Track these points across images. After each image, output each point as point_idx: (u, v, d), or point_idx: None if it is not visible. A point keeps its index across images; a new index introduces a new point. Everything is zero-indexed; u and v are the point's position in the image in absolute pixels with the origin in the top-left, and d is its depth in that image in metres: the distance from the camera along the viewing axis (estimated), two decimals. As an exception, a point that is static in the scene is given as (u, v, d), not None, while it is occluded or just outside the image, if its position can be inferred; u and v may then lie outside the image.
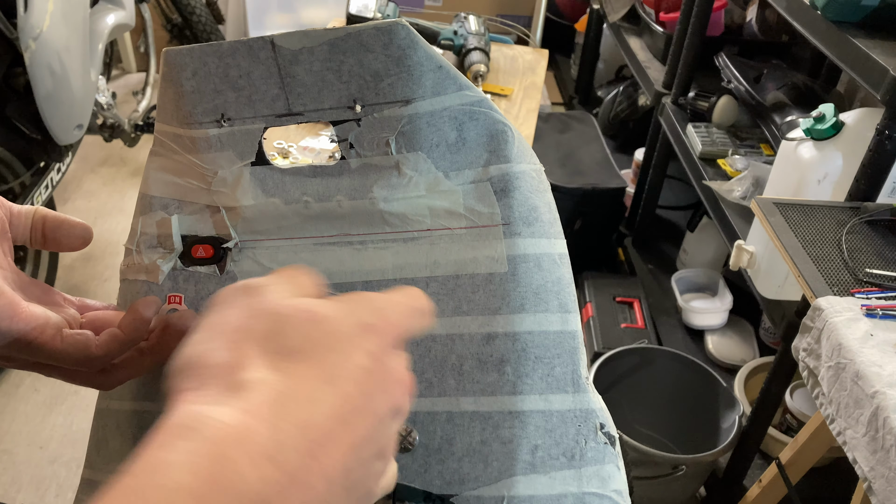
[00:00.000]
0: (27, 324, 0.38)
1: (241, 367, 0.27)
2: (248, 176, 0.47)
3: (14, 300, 0.38)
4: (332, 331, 0.29)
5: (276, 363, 0.28)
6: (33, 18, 1.45)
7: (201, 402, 0.26)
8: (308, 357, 0.28)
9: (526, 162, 0.47)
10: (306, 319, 0.29)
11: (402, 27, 0.43)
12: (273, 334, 0.29)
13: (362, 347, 0.29)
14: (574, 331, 0.45)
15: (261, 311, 0.29)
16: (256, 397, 0.26)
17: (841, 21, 1.10)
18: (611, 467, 0.44)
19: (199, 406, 0.26)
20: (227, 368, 0.27)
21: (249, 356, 0.28)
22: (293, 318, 0.29)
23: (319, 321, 0.29)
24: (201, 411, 0.25)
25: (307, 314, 0.29)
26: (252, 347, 0.28)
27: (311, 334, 0.29)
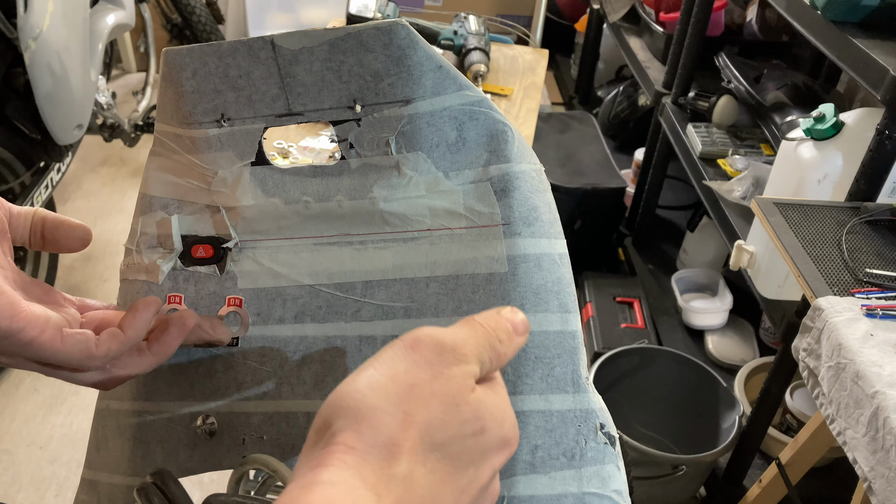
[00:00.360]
0: (27, 323, 0.38)
1: (401, 451, 0.28)
2: (248, 176, 0.47)
3: (14, 299, 0.38)
4: (484, 447, 0.30)
5: (427, 459, 0.29)
6: (33, 18, 1.45)
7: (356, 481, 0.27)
8: (456, 464, 0.29)
9: (526, 162, 0.47)
10: (473, 431, 0.30)
11: (402, 27, 0.43)
12: (440, 428, 0.29)
13: (492, 465, 0.31)
14: (574, 331, 0.45)
15: (443, 395, 0.30)
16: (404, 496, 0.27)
17: (841, 21, 1.10)
18: (611, 467, 0.44)
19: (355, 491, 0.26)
20: (390, 446, 0.28)
21: (412, 441, 0.28)
22: (466, 425, 0.30)
23: (481, 433, 0.30)
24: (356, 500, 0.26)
25: (477, 424, 0.30)
26: (417, 433, 0.29)
27: (469, 445, 0.30)
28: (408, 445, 0.28)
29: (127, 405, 0.50)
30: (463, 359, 0.31)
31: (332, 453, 0.27)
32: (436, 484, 0.28)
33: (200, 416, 0.48)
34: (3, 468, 1.58)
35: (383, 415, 0.28)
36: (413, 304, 0.46)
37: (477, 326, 0.33)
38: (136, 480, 0.49)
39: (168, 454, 0.48)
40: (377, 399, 0.28)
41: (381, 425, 0.28)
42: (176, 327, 0.44)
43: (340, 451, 0.27)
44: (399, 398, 0.29)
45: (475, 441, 0.30)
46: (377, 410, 0.28)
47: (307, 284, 0.47)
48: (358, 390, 0.29)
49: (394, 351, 0.30)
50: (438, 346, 0.31)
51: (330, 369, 0.46)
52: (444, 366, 0.30)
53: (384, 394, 0.29)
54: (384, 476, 0.27)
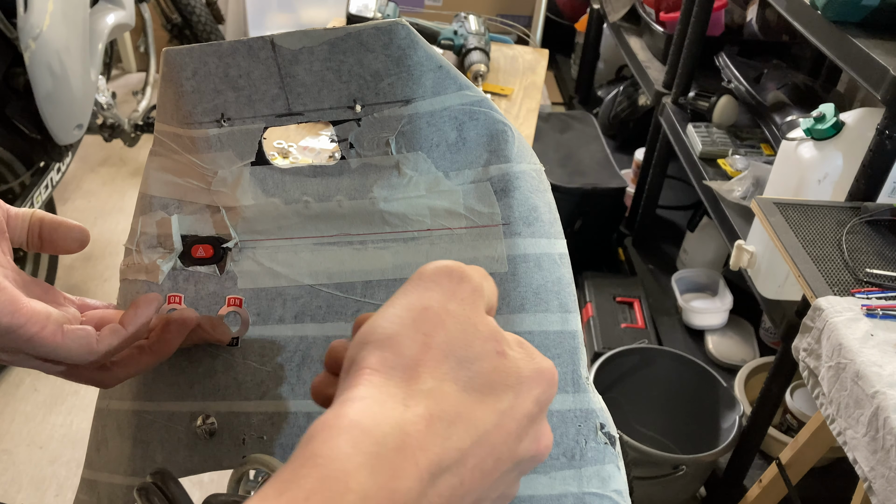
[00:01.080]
0: (28, 319, 0.38)
1: (425, 368, 0.29)
2: (248, 176, 0.47)
3: (15, 296, 0.38)
4: (516, 370, 0.30)
5: (460, 378, 0.29)
6: (33, 18, 1.45)
7: (383, 395, 0.28)
8: (486, 382, 0.30)
9: (526, 162, 0.47)
10: (494, 350, 0.30)
11: (402, 27, 0.43)
12: (465, 346, 0.30)
13: (533, 394, 0.31)
14: (574, 331, 0.45)
15: (459, 315, 0.30)
16: (434, 410, 0.28)
17: (841, 21, 1.10)
18: (611, 467, 0.44)
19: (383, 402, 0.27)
20: (412, 365, 0.29)
21: (436, 359, 0.29)
22: (487, 342, 0.30)
23: (504, 356, 0.30)
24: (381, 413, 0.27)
25: (496, 344, 0.30)
26: (440, 350, 0.29)
27: (499, 367, 0.30)
28: (430, 363, 0.29)
29: (127, 405, 0.50)
30: (469, 279, 0.32)
31: (359, 377, 0.28)
32: (470, 402, 0.29)
33: (200, 416, 0.48)
34: (3, 468, 1.58)
35: (402, 339, 0.29)
36: (413, 303, 0.46)
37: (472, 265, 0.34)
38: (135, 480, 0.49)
39: (168, 454, 0.48)
40: (395, 327, 0.30)
41: (402, 348, 0.29)
42: (177, 325, 0.44)
43: (366, 374, 0.28)
44: (415, 322, 0.30)
45: (501, 362, 0.30)
46: (396, 336, 0.29)
47: (307, 284, 0.47)
48: (377, 324, 0.30)
49: (406, 286, 0.32)
50: (445, 270, 0.32)
51: (330, 369, 0.46)
52: (453, 285, 0.31)
53: (400, 321, 0.30)
54: (410, 391, 0.28)
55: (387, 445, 0.26)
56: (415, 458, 0.26)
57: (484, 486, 0.29)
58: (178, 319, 0.44)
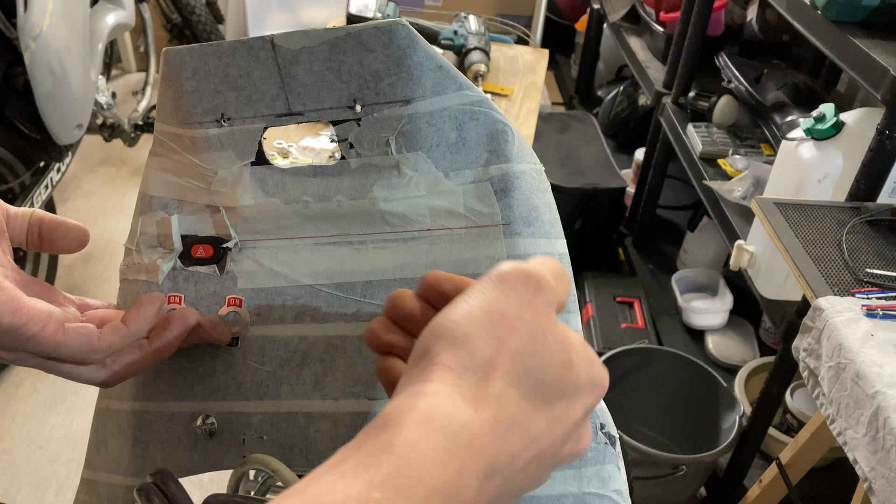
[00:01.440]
0: (30, 318, 0.38)
1: (490, 374, 0.30)
2: (248, 176, 0.47)
3: (16, 295, 0.38)
4: (575, 380, 0.32)
5: (524, 385, 0.30)
6: (33, 18, 1.45)
7: (456, 394, 0.29)
8: (547, 392, 0.31)
9: (526, 162, 0.46)
10: (561, 361, 0.31)
11: (403, 27, 0.43)
12: (530, 355, 0.31)
13: (584, 402, 0.32)
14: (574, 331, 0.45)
15: (532, 323, 0.31)
16: (497, 415, 0.29)
17: (841, 21, 1.10)
18: (611, 467, 0.44)
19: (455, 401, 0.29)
20: (484, 368, 0.30)
21: (504, 365, 0.30)
22: (555, 354, 0.31)
23: (569, 365, 0.32)
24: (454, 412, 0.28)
25: (564, 355, 0.32)
26: (511, 357, 0.30)
27: (559, 375, 0.31)
28: (501, 369, 0.30)
29: (127, 405, 0.50)
30: (546, 288, 0.33)
31: (433, 371, 0.29)
32: (528, 409, 0.30)
33: (200, 416, 0.48)
34: (3, 468, 1.58)
35: (477, 340, 0.30)
36: (413, 304, 0.46)
37: (547, 260, 0.35)
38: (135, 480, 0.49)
39: (168, 454, 0.48)
40: (471, 327, 0.31)
41: (476, 350, 0.30)
42: (177, 324, 0.44)
43: (439, 369, 0.29)
44: (491, 325, 0.31)
45: (565, 372, 0.31)
46: (472, 336, 0.30)
47: (307, 284, 0.47)
48: (453, 320, 0.31)
49: (483, 284, 0.32)
50: (524, 276, 0.32)
51: (330, 369, 0.46)
52: (530, 294, 0.32)
53: (477, 322, 0.31)
54: (480, 393, 0.29)
55: (458, 444, 0.27)
56: (477, 459, 0.28)
57: (525, 483, 0.31)
58: (178, 319, 0.44)
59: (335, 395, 0.46)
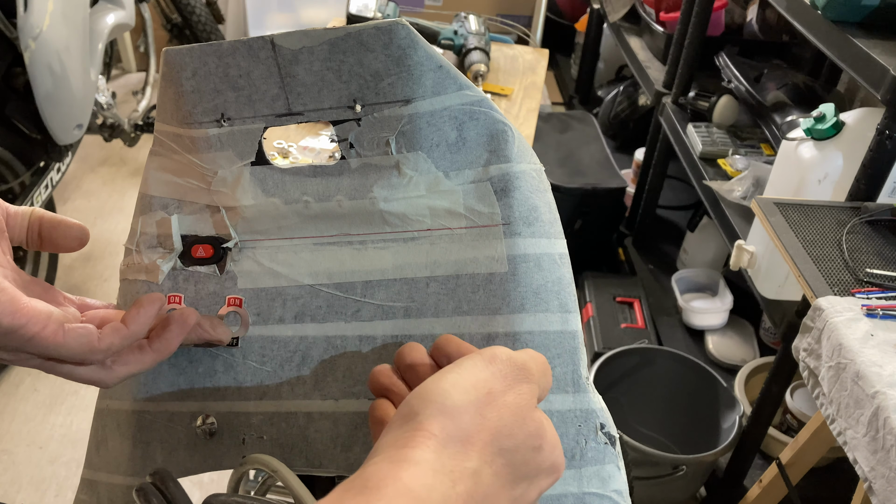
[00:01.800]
0: (29, 319, 0.38)
1: (473, 449, 0.31)
2: (248, 176, 0.47)
3: (15, 296, 0.38)
4: (539, 463, 0.34)
5: (493, 461, 0.32)
6: (33, 18, 1.45)
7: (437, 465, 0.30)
8: (515, 473, 0.33)
9: (526, 162, 0.46)
10: (533, 446, 0.33)
11: (403, 27, 0.43)
12: (507, 436, 0.33)
13: (540, 486, 0.34)
14: (574, 331, 0.45)
15: (514, 407, 0.33)
16: (470, 490, 0.30)
17: (841, 21, 1.10)
18: (611, 467, 0.44)
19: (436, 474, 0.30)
20: (466, 441, 0.31)
21: (484, 441, 0.32)
22: (529, 439, 0.33)
23: (539, 450, 0.34)
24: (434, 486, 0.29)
25: (537, 440, 0.34)
26: (489, 435, 0.32)
27: (528, 458, 0.33)
28: (480, 444, 0.32)
29: (127, 405, 0.50)
30: (531, 378, 0.35)
31: (417, 437, 0.31)
32: (497, 487, 0.32)
33: (200, 416, 0.48)
34: (3, 468, 1.58)
35: (464, 413, 0.32)
36: (413, 303, 0.46)
37: (535, 354, 0.37)
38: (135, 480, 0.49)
39: (168, 454, 0.48)
40: (460, 398, 0.32)
41: (461, 422, 0.32)
42: (177, 324, 0.44)
43: (425, 436, 0.31)
44: (478, 401, 0.32)
45: (533, 456, 0.33)
46: (459, 408, 0.32)
47: (307, 284, 0.47)
48: (444, 389, 0.32)
49: (474, 361, 0.34)
50: (512, 363, 0.35)
51: (330, 369, 0.46)
52: (516, 381, 0.34)
53: (466, 395, 0.32)
54: (458, 466, 0.31)
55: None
56: None
57: None
58: (178, 319, 0.44)
59: (335, 395, 0.46)
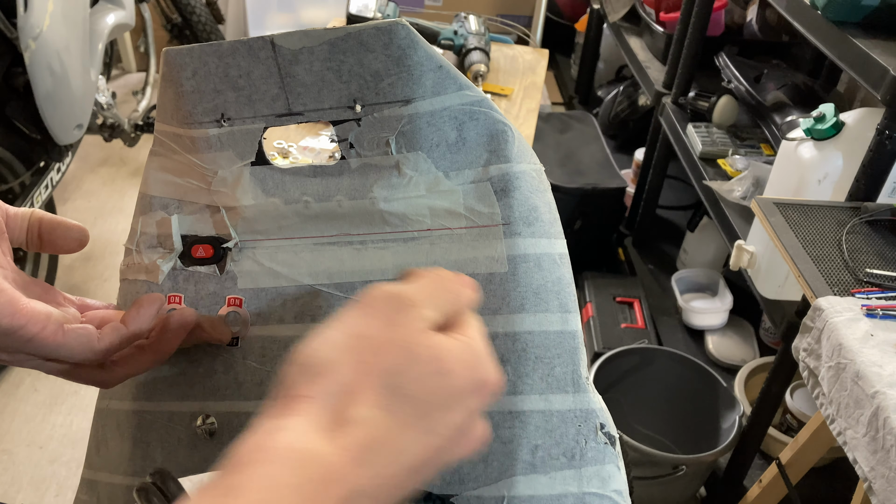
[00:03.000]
0: (29, 319, 0.38)
1: (355, 398, 0.29)
2: (248, 176, 0.47)
3: (15, 297, 0.38)
4: (450, 387, 0.31)
5: (388, 402, 0.30)
6: (33, 18, 1.45)
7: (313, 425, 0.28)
8: (419, 406, 0.30)
9: (526, 162, 0.47)
10: (433, 371, 0.31)
11: (403, 27, 0.43)
12: (398, 373, 0.30)
13: (466, 405, 0.32)
14: (574, 331, 0.45)
15: (396, 343, 0.31)
16: (357, 438, 0.29)
17: (841, 21, 1.10)
18: (611, 467, 0.44)
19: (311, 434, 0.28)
20: (343, 393, 0.29)
21: (367, 387, 0.30)
22: (426, 366, 0.31)
23: (444, 374, 0.31)
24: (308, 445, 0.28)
25: (436, 365, 0.31)
26: (373, 379, 0.30)
27: (432, 387, 0.31)
28: (365, 391, 0.29)
29: (127, 405, 0.50)
30: (413, 304, 0.32)
31: (290, 403, 0.29)
32: (398, 427, 0.29)
33: (200, 416, 0.48)
34: (3, 468, 1.58)
35: (339, 366, 0.30)
36: (413, 304, 0.46)
37: (427, 274, 0.35)
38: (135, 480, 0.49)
39: (168, 454, 0.48)
40: (331, 352, 0.30)
41: (337, 375, 0.30)
42: (177, 324, 0.44)
43: (298, 401, 0.29)
44: (354, 349, 0.30)
45: (437, 381, 0.31)
46: (332, 362, 0.30)
47: (307, 284, 0.47)
48: (313, 348, 0.30)
49: (349, 310, 0.32)
50: (389, 297, 0.32)
51: (330, 369, 0.46)
52: (396, 313, 0.32)
53: (338, 347, 0.30)
54: (340, 419, 0.29)
55: (310, 479, 0.27)
56: (335, 489, 0.27)
57: (399, 494, 0.30)
58: (178, 319, 0.44)
59: None
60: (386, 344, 0.31)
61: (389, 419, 0.29)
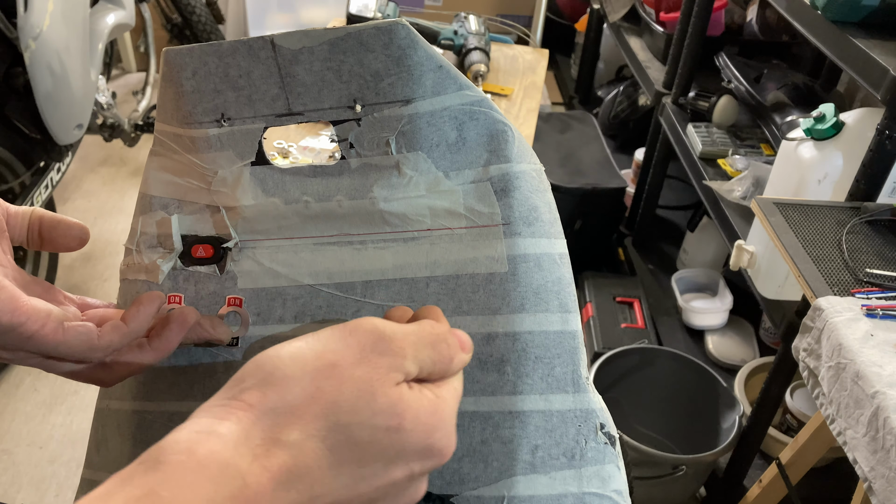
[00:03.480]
0: (29, 317, 0.38)
1: (295, 421, 0.29)
2: (248, 176, 0.47)
3: (15, 294, 0.38)
4: (400, 446, 0.30)
5: (330, 440, 0.29)
6: (33, 18, 1.45)
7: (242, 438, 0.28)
8: (358, 452, 0.29)
9: (526, 162, 0.47)
10: (386, 424, 0.30)
11: (403, 27, 0.43)
12: (349, 412, 0.29)
13: (410, 468, 0.31)
14: (574, 331, 0.45)
15: (360, 381, 0.30)
16: (284, 462, 0.28)
17: (841, 21, 1.10)
18: (611, 467, 0.44)
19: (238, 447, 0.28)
20: (285, 414, 0.29)
21: (311, 415, 0.29)
22: (379, 416, 0.30)
23: (396, 431, 0.30)
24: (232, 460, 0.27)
25: (392, 420, 0.30)
26: (321, 408, 0.29)
27: (381, 440, 0.30)
28: (307, 418, 0.29)
29: (127, 405, 0.50)
30: (396, 352, 0.31)
31: (232, 408, 0.29)
32: (330, 462, 0.29)
33: (200, 416, 0.48)
34: (3, 468, 1.58)
35: (294, 384, 0.29)
36: (413, 303, 0.46)
37: (426, 326, 0.34)
38: (135, 480, 0.49)
39: (168, 454, 0.48)
40: (294, 369, 0.29)
41: (288, 393, 0.29)
42: (177, 323, 0.44)
43: (240, 407, 0.29)
44: (316, 372, 0.29)
45: (388, 436, 0.30)
46: (289, 379, 0.29)
47: (307, 284, 0.47)
48: (280, 357, 0.30)
49: (332, 331, 0.31)
50: (375, 335, 0.31)
51: (330, 369, 0.46)
52: (373, 354, 0.31)
53: (302, 366, 0.30)
54: (270, 440, 0.28)
55: (223, 493, 0.26)
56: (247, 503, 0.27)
57: None
58: (177, 317, 0.44)
59: None
60: (350, 379, 0.30)
61: (322, 453, 0.29)
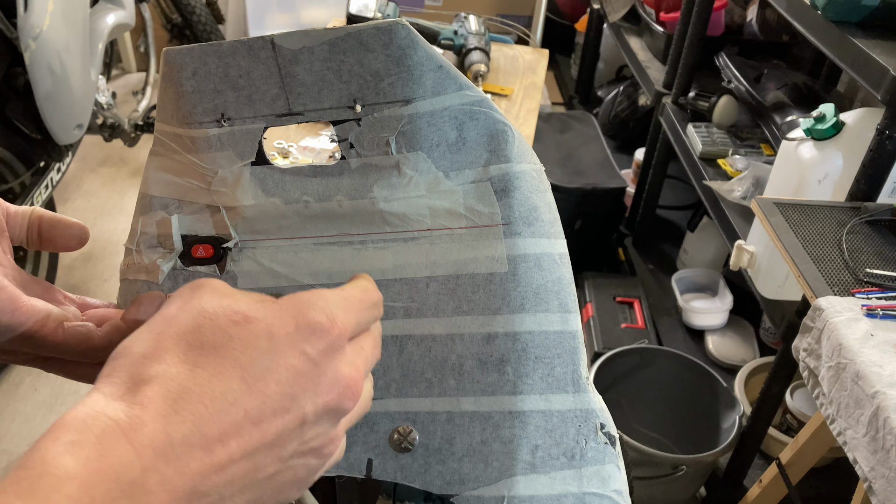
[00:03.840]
0: (28, 317, 0.38)
1: (153, 359, 0.29)
2: (248, 176, 0.47)
3: (15, 294, 0.38)
4: (262, 332, 0.30)
5: (191, 357, 0.29)
6: (33, 18, 1.45)
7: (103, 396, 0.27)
8: (226, 355, 0.29)
9: (526, 162, 0.47)
10: (234, 320, 0.30)
11: (403, 27, 0.43)
12: (196, 329, 0.29)
13: (297, 348, 0.30)
14: (574, 331, 0.45)
15: (192, 306, 0.30)
16: (156, 391, 0.27)
17: (841, 21, 1.10)
18: (611, 467, 0.44)
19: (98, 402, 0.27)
20: (140, 359, 0.29)
21: (166, 348, 0.29)
22: (221, 316, 0.30)
23: (249, 322, 0.30)
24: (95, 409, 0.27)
25: (236, 315, 0.30)
26: (171, 339, 0.29)
27: (236, 334, 0.29)
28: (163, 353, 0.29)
29: (127, 405, 0.50)
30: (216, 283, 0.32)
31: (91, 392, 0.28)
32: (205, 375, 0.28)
33: (200, 416, 0.48)
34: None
35: (134, 342, 0.30)
36: (413, 303, 0.46)
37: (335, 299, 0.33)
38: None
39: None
40: (131, 338, 0.30)
41: (132, 348, 0.29)
42: None
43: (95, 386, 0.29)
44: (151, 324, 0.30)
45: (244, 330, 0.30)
46: (131, 341, 0.30)
47: (307, 284, 0.47)
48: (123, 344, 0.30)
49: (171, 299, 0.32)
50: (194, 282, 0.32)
51: (330, 369, 0.46)
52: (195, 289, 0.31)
53: (139, 332, 0.30)
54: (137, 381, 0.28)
55: (89, 432, 0.26)
56: (126, 437, 0.26)
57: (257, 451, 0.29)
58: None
59: None
60: (180, 313, 0.30)
61: (194, 370, 0.28)
